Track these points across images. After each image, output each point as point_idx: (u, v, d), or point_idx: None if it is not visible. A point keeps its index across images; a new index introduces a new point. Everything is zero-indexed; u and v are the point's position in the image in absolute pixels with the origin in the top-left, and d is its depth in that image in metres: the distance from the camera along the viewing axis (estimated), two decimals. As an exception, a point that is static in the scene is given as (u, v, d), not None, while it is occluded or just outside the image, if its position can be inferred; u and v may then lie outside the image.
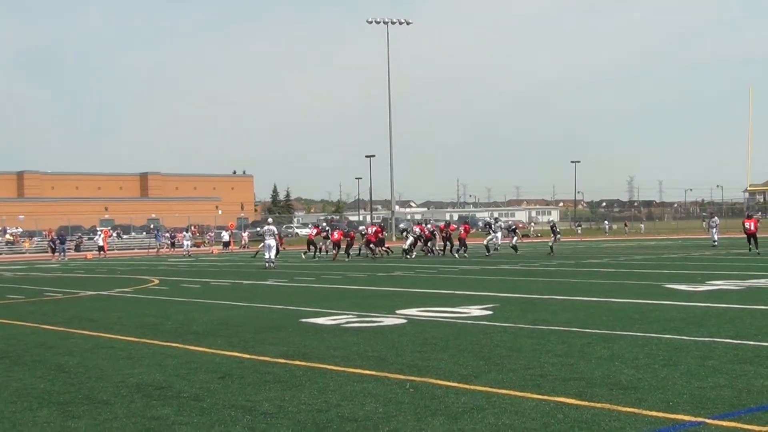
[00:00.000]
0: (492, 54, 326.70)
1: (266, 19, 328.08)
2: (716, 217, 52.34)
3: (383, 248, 45.01)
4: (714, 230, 48.45)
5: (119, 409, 7.84)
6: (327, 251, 44.99)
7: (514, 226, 48.57)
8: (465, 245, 40.33)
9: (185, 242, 60.74)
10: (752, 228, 38.12)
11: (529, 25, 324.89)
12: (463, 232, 41.06)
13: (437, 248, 44.08)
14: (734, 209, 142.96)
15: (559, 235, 44.72)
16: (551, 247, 42.01)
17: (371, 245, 43.35)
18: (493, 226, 43.90)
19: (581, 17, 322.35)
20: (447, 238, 43.05)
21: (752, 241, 37.50)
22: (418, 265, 33.35)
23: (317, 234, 47.22)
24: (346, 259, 40.81)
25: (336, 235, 43.65)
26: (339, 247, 42.95)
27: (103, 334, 13.71)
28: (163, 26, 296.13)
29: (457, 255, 39.77)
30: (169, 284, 26.31)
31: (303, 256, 44.82)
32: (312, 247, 45.45)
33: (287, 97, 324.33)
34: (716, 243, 46.34)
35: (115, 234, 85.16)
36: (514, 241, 44.46)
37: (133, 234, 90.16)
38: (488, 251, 41.11)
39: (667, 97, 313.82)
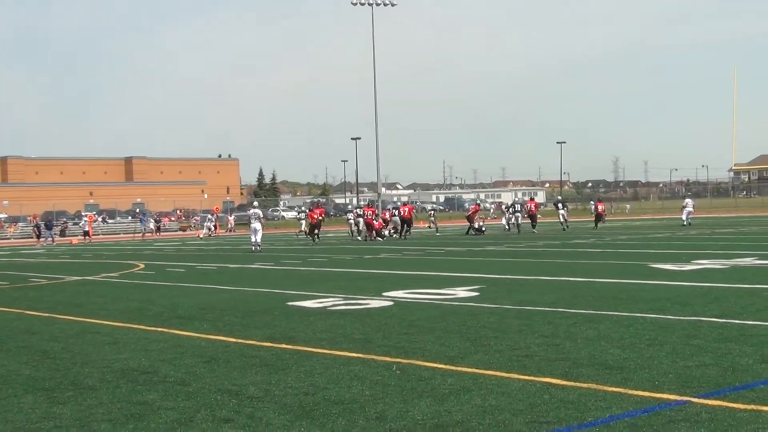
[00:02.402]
0: (477, 35, 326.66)
1: (251, 1, 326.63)
2: (689, 200, 52.89)
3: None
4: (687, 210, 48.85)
5: (104, 395, 7.81)
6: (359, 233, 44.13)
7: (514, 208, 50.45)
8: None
9: (208, 224, 61.86)
10: (533, 210, 47.12)
11: (515, 6, 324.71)
12: (407, 213, 43.40)
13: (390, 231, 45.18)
14: (719, 189, 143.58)
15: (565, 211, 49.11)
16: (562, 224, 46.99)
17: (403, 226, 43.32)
18: (515, 206, 47.98)
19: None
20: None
21: (600, 220, 48.11)
22: (405, 247, 33.34)
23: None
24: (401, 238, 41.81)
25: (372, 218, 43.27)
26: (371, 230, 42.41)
27: (88, 319, 13.67)
28: (147, 8, 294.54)
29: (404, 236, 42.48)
30: (154, 269, 26.24)
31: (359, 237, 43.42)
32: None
33: (272, 80, 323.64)
34: (686, 223, 46.85)
35: (100, 219, 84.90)
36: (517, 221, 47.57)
37: (118, 218, 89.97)
38: (513, 230, 45.78)
39: (653, 77, 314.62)
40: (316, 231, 42.01)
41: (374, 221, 42.95)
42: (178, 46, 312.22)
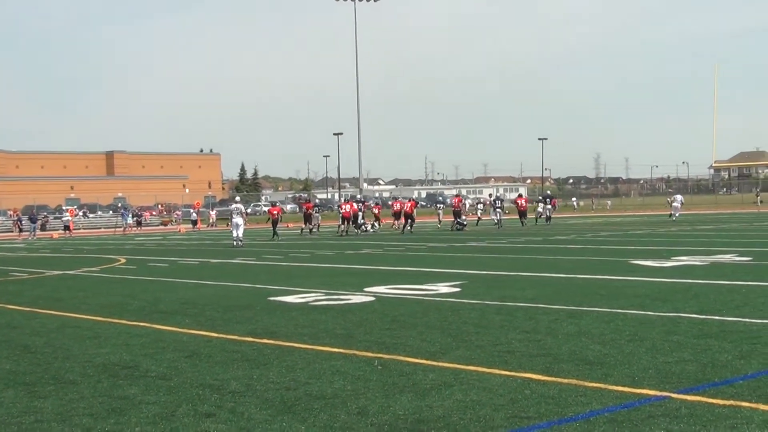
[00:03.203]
0: (460, 32, 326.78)
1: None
2: (679, 195, 54.22)
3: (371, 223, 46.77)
4: (677, 204, 50.35)
5: (86, 389, 7.79)
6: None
7: (500, 201, 51.71)
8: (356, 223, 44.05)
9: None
10: (523, 206, 48.27)
11: (498, 4, 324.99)
12: (410, 208, 44.42)
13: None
14: (700, 185, 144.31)
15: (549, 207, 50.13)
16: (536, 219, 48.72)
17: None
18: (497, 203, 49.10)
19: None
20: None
21: (523, 216, 47.83)
22: (387, 243, 33.37)
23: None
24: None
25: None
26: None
27: (70, 313, 13.62)
28: (127, 1, 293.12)
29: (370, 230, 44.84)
30: (136, 263, 26.16)
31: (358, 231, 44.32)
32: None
33: (254, 74, 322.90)
34: (674, 218, 48.25)
35: (81, 213, 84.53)
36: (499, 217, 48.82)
37: (99, 213, 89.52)
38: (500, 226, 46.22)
39: (634, 74, 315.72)
40: (309, 224, 44.61)
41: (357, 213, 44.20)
42: (160, 39, 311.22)
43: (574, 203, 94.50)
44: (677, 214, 49.43)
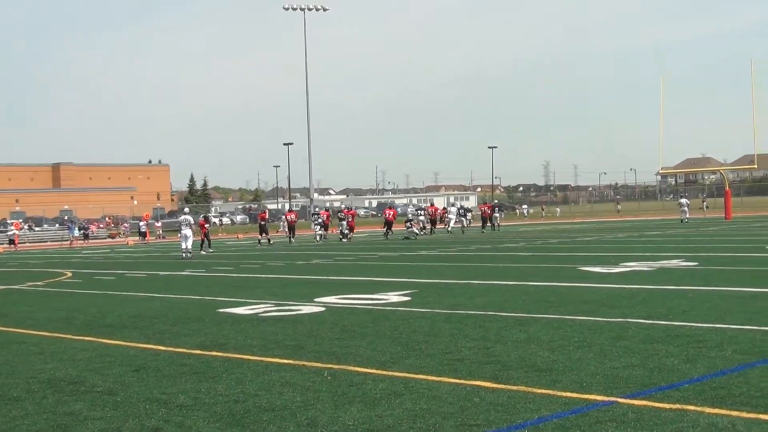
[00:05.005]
0: (410, 42, 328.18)
1: (181, 5, 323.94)
2: (684, 199, 58.13)
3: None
4: (685, 209, 54.58)
5: (30, 406, 7.66)
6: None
7: (463, 210, 55.42)
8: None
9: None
10: (487, 212, 52.14)
11: (446, 14, 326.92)
12: (391, 216, 47.90)
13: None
14: (647, 192, 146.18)
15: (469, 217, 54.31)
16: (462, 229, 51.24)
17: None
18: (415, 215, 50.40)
19: (498, 6, 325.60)
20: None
21: (487, 221, 51.49)
22: (337, 253, 33.31)
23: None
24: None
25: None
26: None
27: (14, 329, 13.39)
28: (74, 12, 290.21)
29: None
30: (82, 277, 25.81)
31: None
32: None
33: (203, 84, 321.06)
34: (685, 220, 52.55)
35: (26, 226, 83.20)
36: (465, 224, 52.87)
37: (45, 226, 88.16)
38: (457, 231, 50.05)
39: (582, 83, 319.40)
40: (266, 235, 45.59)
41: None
42: (107, 49, 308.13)
43: (525, 211, 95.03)
44: (687, 216, 53.43)
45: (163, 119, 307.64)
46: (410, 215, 49.26)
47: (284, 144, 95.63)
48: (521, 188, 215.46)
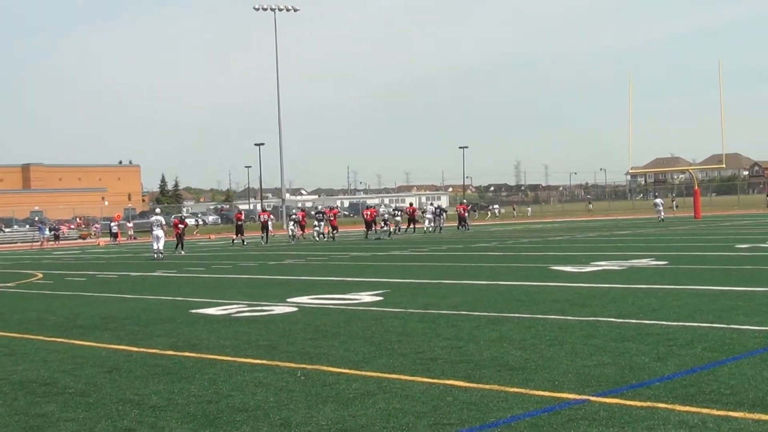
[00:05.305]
0: (381, 41, 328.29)
1: (151, 5, 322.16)
2: (659, 199, 59.74)
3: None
4: (660, 208, 55.39)
5: (1, 408, 7.61)
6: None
7: (439, 210, 54.91)
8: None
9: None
10: (463, 212, 54.13)
11: (417, 13, 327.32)
12: (370, 216, 48.10)
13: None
14: (617, 191, 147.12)
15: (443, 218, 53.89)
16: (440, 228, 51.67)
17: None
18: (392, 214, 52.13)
19: (468, 6, 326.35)
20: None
21: (462, 222, 53.15)
22: (309, 253, 33.29)
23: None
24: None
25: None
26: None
27: (-16, 331, 13.28)
28: (41, 12, 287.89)
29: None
30: (53, 278, 25.64)
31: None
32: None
33: (174, 85, 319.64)
34: (662, 219, 53.16)
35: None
36: (440, 224, 52.57)
37: (15, 227, 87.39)
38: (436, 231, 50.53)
39: (553, 83, 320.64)
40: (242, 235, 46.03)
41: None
42: (77, 50, 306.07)
43: (496, 210, 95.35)
44: (662, 215, 54.22)
45: (134, 119, 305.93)
46: (386, 215, 49.83)
47: (256, 144, 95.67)
48: (492, 188, 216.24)
